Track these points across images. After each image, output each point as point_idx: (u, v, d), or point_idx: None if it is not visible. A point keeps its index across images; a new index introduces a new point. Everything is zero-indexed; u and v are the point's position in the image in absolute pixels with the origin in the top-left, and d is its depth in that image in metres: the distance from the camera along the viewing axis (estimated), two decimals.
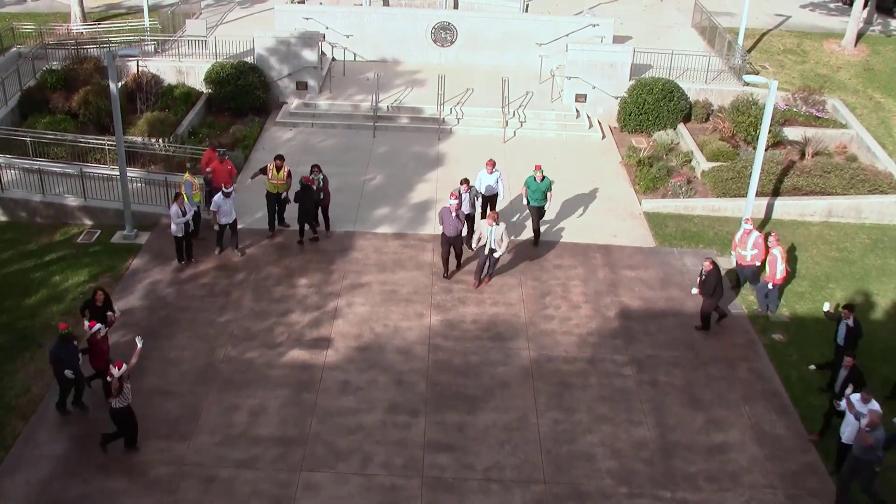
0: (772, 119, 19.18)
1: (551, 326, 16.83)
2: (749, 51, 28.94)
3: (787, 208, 21.30)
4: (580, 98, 25.58)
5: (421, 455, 13.68)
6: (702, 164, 22.59)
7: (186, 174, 19.05)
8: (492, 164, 19.27)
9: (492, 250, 17.37)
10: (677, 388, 15.35)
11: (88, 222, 19.91)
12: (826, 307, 16.53)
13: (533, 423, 14.43)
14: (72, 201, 19.91)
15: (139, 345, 13.69)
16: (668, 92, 24.54)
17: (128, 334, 16.13)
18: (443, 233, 17.78)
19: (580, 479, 13.44)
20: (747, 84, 24.52)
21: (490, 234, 17.27)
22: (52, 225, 19.78)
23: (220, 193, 18.23)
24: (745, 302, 18.00)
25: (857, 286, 18.81)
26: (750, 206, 19.04)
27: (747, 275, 17.84)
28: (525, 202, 19.33)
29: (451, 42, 27.90)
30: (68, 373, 13.88)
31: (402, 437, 14.06)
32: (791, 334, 17.14)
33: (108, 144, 20.95)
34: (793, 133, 24.10)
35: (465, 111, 24.99)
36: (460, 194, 18.19)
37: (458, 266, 18.19)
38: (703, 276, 16.61)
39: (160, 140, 22.01)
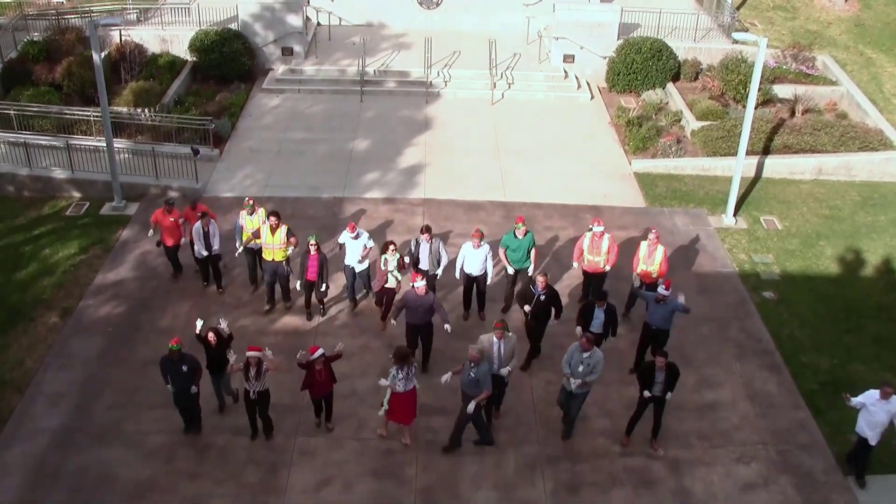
0: (761, 77, 19.08)
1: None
2: (738, 8, 28.69)
3: (777, 167, 21.27)
4: (568, 59, 25.39)
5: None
6: (691, 123, 22.51)
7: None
8: (479, 236, 15.08)
9: (501, 377, 13.17)
10: (669, 348, 14.90)
11: (77, 195, 19.78)
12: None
13: (526, 385, 14.50)
14: (59, 174, 19.74)
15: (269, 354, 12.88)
16: (657, 51, 24.37)
17: (120, 305, 16.16)
18: (407, 322, 14.28)
19: (573, 439, 13.56)
20: (736, 42, 24.35)
21: (497, 352, 13.05)
22: (41, 198, 19.64)
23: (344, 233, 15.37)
24: (736, 260, 18.02)
25: (847, 243, 18.88)
26: (740, 165, 19.01)
27: (596, 284, 15.44)
28: (510, 270, 15.50)
29: (437, 4, 27.59)
30: (169, 388, 12.82)
31: None
32: (782, 292, 17.19)
33: (93, 116, 20.70)
34: (783, 91, 23.98)
35: (452, 74, 24.81)
36: (417, 246, 15.08)
37: (427, 357, 14.62)
38: (542, 296, 13.96)
39: (146, 110, 21.78)
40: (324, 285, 15.38)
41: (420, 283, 14.03)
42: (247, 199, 16.30)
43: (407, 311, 14.27)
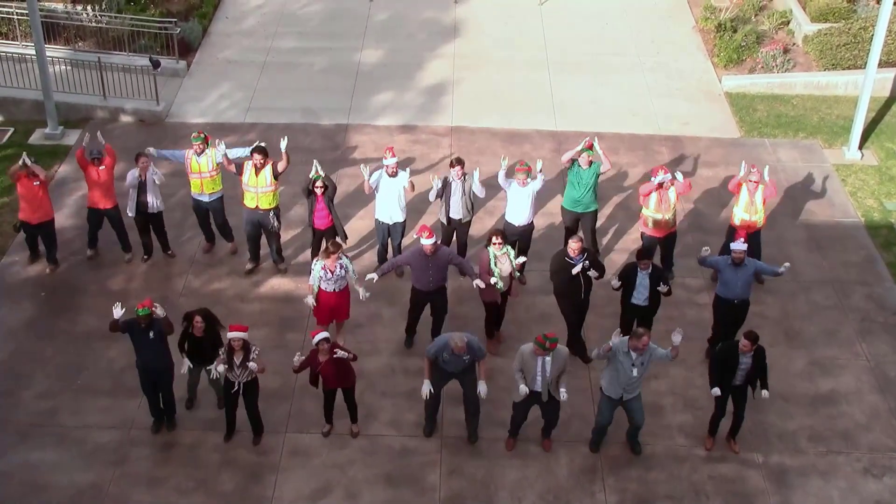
0: None
1: (605, 242, 16.64)
2: None
3: None
4: None
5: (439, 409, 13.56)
6: (804, 26, 22.13)
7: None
8: (525, 171, 14.90)
9: (551, 398, 12.74)
10: (770, 321, 15.18)
11: None
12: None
13: (582, 367, 14.25)
14: None
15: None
16: None
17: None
18: (413, 286, 14.21)
19: (644, 437, 13.34)
20: None
21: (541, 369, 12.44)
22: None
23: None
24: (861, 207, 17.75)
25: None
26: (870, 81, 18.57)
27: (665, 251, 15.56)
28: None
29: None
30: (138, 361, 12.76)
31: (413, 387, 13.84)
32: None
33: (17, 13, 20.51)
34: None
35: None
36: (446, 186, 15.06)
37: (439, 333, 14.19)
38: (584, 263, 13.71)
39: (89, 7, 21.61)
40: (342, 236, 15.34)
41: (427, 241, 13.66)
42: (197, 131, 15.64)
43: (413, 273, 14.10)
